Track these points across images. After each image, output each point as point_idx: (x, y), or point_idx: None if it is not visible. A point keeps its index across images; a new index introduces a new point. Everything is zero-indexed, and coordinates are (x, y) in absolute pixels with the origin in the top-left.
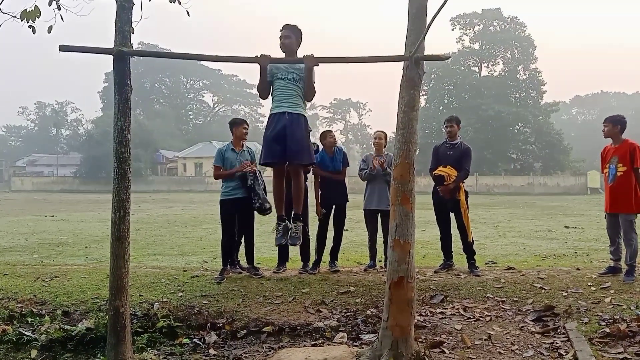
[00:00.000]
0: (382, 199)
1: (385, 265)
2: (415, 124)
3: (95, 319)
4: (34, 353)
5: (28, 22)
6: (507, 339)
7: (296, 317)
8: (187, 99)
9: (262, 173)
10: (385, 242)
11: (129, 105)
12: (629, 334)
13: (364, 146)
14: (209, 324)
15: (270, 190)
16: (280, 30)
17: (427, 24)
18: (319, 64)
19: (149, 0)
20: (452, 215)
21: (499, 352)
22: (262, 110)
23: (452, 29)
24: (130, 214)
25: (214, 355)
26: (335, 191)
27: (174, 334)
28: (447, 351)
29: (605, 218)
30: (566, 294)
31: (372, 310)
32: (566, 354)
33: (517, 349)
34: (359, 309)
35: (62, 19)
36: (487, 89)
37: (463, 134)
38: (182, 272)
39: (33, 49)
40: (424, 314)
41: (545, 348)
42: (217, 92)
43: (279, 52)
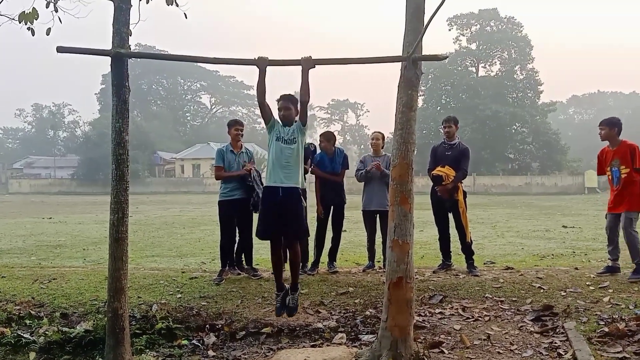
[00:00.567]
0: (381, 199)
1: (384, 265)
2: (414, 124)
3: (94, 320)
4: (32, 355)
5: (26, 24)
6: (506, 338)
7: (295, 318)
8: (184, 100)
9: (260, 174)
10: (384, 243)
11: (126, 107)
12: (628, 333)
13: (362, 147)
14: (207, 326)
15: None
16: (278, 100)
17: (425, 24)
18: (316, 66)
19: (147, 3)
20: (451, 215)
21: (498, 352)
22: (260, 112)
23: (449, 30)
24: (128, 216)
25: (213, 356)
26: (333, 192)
27: (173, 335)
28: (446, 351)
29: (605, 217)
30: (565, 294)
31: (371, 310)
32: (565, 354)
33: (516, 349)
34: (358, 310)
35: (60, 21)
36: (484, 89)
37: (460, 134)
38: (180, 274)
39: (30, 50)
40: (423, 314)
41: (544, 348)
42: (215, 94)
43: (276, 54)
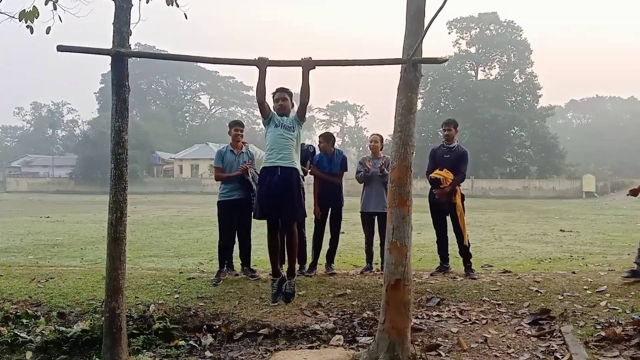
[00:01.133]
0: (379, 201)
1: (382, 267)
2: (413, 126)
3: (91, 320)
4: (29, 355)
5: (26, 23)
6: (503, 342)
7: (292, 319)
8: (183, 100)
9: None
10: (382, 245)
11: (126, 106)
12: (625, 337)
13: (361, 149)
14: (205, 326)
15: None
16: (274, 93)
17: (425, 27)
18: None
19: (147, 2)
20: (449, 218)
21: (495, 355)
22: (259, 113)
23: (449, 33)
24: (126, 216)
25: (210, 357)
26: (332, 194)
27: (170, 336)
28: (443, 354)
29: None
30: (562, 298)
31: (368, 312)
32: (562, 358)
33: (513, 352)
34: (356, 312)
35: (61, 20)
36: (483, 93)
37: (459, 137)
38: (178, 274)
39: (30, 49)
40: (421, 316)
41: (541, 351)
42: (214, 94)
43: (274, 55)
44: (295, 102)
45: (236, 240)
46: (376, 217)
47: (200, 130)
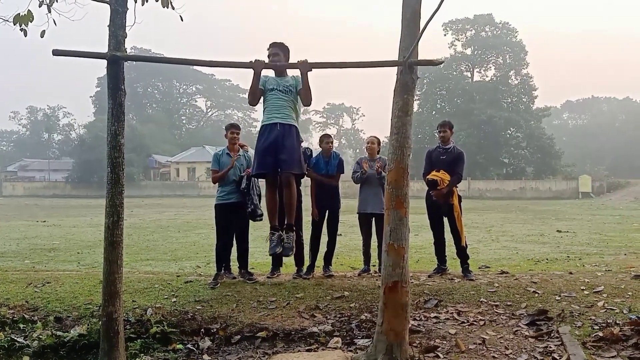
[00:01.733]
0: (376, 202)
1: (379, 269)
2: (409, 128)
3: (88, 324)
4: (26, 359)
5: (21, 26)
6: (501, 343)
7: (290, 322)
8: (180, 103)
9: (258, 181)
10: (379, 247)
11: (122, 110)
12: (622, 337)
13: (357, 151)
14: (202, 330)
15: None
16: (268, 48)
17: (421, 30)
18: (313, 69)
19: (142, 5)
20: (446, 219)
21: (493, 357)
22: (255, 115)
23: (445, 35)
24: (123, 219)
25: None
26: (329, 196)
27: (168, 339)
28: (441, 356)
29: None
30: (559, 298)
31: (366, 314)
32: (560, 358)
33: (511, 353)
34: (354, 314)
35: (55, 24)
36: (479, 94)
37: (455, 138)
38: (175, 278)
39: (25, 52)
40: (418, 318)
41: (539, 352)
42: (210, 97)
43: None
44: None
45: (234, 243)
46: (373, 218)
47: (196, 133)
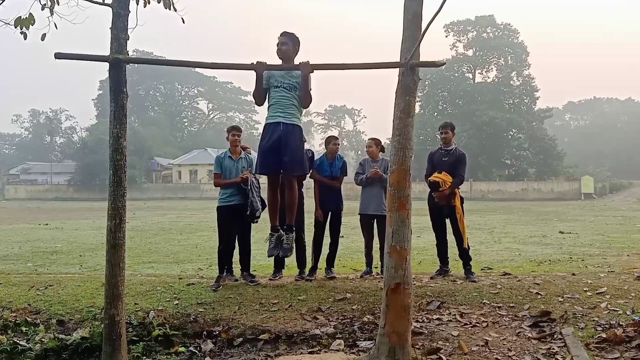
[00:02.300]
0: (378, 204)
1: (382, 271)
2: (411, 130)
3: (90, 327)
4: None
5: (22, 30)
6: (503, 344)
7: (293, 324)
8: (181, 106)
9: (259, 182)
10: (382, 249)
11: (124, 113)
12: (625, 339)
13: (359, 152)
14: (205, 332)
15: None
16: (278, 37)
17: (422, 31)
18: (315, 71)
19: (144, 6)
20: (448, 221)
21: (496, 358)
22: (257, 117)
23: (446, 36)
24: (125, 222)
25: None
26: (331, 197)
27: (170, 342)
28: (444, 357)
29: None
30: (562, 300)
31: (368, 316)
32: None
33: (514, 355)
34: (356, 316)
35: (56, 27)
36: (481, 95)
37: (457, 140)
38: (177, 280)
39: (28, 56)
40: (421, 320)
41: (542, 354)
42: (212, 99)
43: (275, 59)
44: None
45: (236, 246)
46: (375, 220)
47: (198, 135)
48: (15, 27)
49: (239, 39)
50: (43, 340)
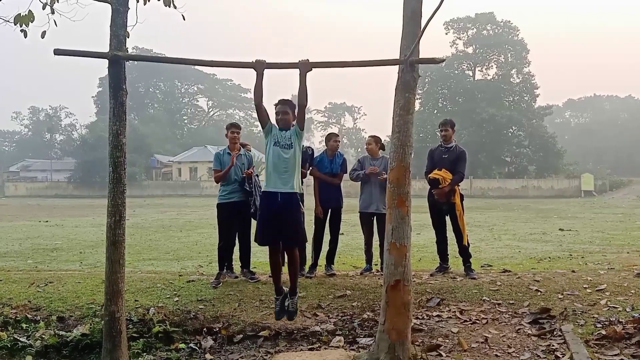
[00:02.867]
0: (378, 201)
1: (381, 268)
2: (411, 127)
3: (91, 324)
4: (28, 359)
5: (21, 27)
6: (503, 341)
7: (293, 321)
8: (181, 103)
9: (259, 177)
10: (381, 246)
11: (124, 110)
12: (625, 335)
13: (359, 150)
14: (205, 329)
15: None
16: (276, 104)
17: (422, 28)
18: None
19: (144, 4)
20: (448, 218)
21: (496, 355)
22: (257, 115)
23: (446, 33)
24: (125, 219)
25: None
26: (331, 195)
27: (170, 339)
28: (444, 354)
29: None
30: (562, 297)
31: (368, 313)
32: (563, 356)
33: (513, 352)
34: (356, 313)
35: (56, 24)
36: (481, 93)
37: (457, 137)
38: (177, 277)
39: (27, 53)
40: (421, 317)
41: (542, 350)
42: (212, 97)
43: (273, 57)
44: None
45: (236, 243)
46: (375, 217)
47: (198, 133)
48: (15, 25)
49: (238, 36)
50: (43, 336)
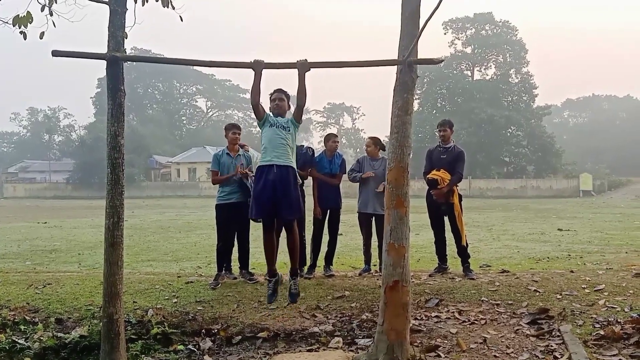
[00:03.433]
0: (376, 202)
1: (380, 269)
2: (409, 127)
3: (89, 326)
4: None
5: (20, 28)
6: (502, 342)
7: (291, 322)
8: (180, 104)
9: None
10: (380, 246)
11: (122, 111)
12: (624, 336)
13: (358, 150)
14: (203, 330)
15: None
16: (271, 93)
17: (420, 28)
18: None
19: (142, 5)
20: (446, 218)
21: (495, 356)
22: (254, 114)
23: (445, 33)
24: (124, 220)
25: None
26: (330, 195)
27: (169, 340)
28: (442, 355)
29: None
30: (560, 297)
31: (367, 314)
32: (561, 357)
33: (512, 352)
34: (354, 314)
35: (55, 25)
36: (479, 93)
37: (456, 137)
38: (176, 278)
39: (26, 54)
40: (419, 317)
41: (540, 351)
42: (211, 97)
43: (272, 57)
44: (292, 104)
45: (234, 244)
46: (373, 218)
47: (197, 133)
48: (14, 26)
49: (237, 36)
50: (42, 338)
